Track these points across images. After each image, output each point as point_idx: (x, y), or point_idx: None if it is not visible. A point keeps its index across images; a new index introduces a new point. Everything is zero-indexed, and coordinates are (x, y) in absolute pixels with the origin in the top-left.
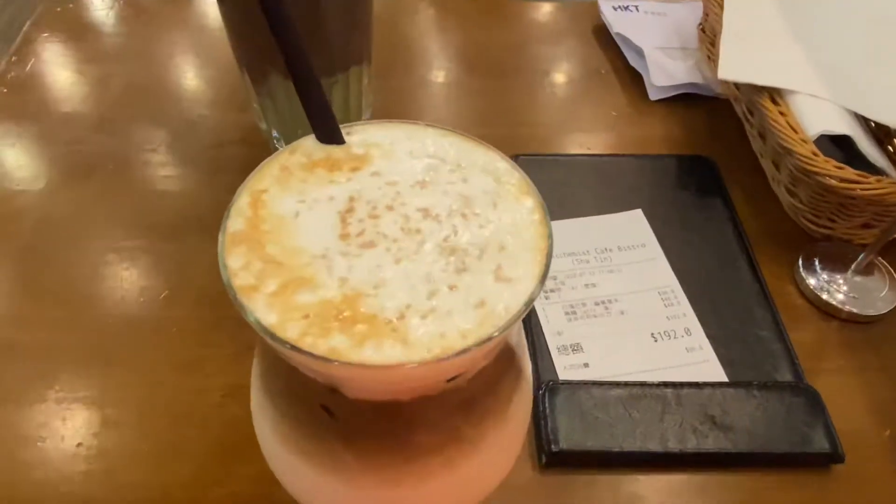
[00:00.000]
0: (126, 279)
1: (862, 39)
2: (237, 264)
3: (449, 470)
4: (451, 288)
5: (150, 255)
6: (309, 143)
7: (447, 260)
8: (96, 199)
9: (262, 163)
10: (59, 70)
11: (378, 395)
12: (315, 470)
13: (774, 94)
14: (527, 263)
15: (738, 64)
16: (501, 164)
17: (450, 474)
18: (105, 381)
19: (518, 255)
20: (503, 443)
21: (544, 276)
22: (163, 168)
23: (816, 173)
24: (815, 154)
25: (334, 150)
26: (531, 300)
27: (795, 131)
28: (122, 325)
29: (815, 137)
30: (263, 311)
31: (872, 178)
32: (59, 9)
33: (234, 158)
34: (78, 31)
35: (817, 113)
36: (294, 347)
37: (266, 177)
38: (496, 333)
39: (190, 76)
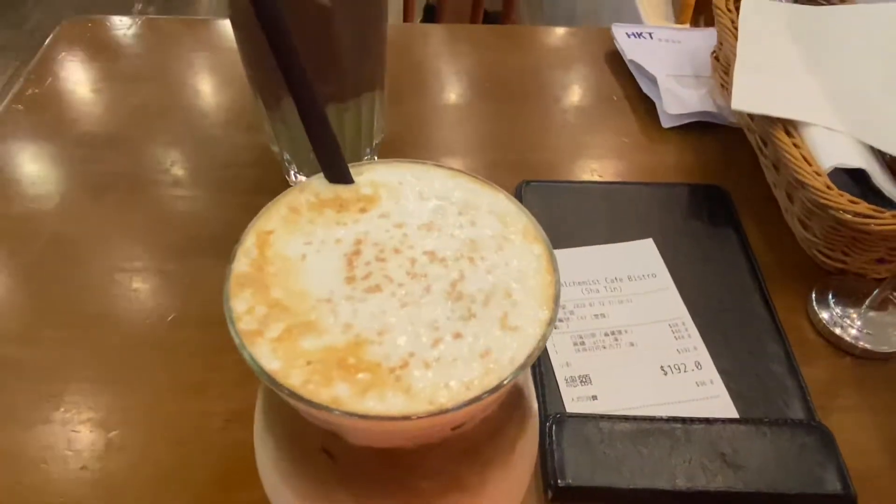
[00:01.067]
0: (134, 300)
1: (876, 72)
2: (242, 308)
3: None
4: (456, 336)
5: (159, 275)
6: (318, 182)
7: (453, 306)
8: (108, 218)
9: (271, 202)
10: (75, 89)
11: (380, 443)
12: None
13: (788, 126)
14: (534, 310)
15: (751, 95)
16: (509, 207)
17: None
18: (111, 402)
19: (525, 303)
20: (507, 489)
21: (551, 322)
22: (175, 188)
23: (830, 207)
24: (828, 188)
25: (343, 190)
26: (538, 350)
27: (809, 164)
28: (129, 345)
29: (830, 170)
30: (267, 357)
31: (888, 214)
32: (78, 27)
33: (246, 179)
34: (96, 50)
35: (832, 145)
36: (295, 395)
37: (273, 217)
38: (503, 383)
39: (205, 97)
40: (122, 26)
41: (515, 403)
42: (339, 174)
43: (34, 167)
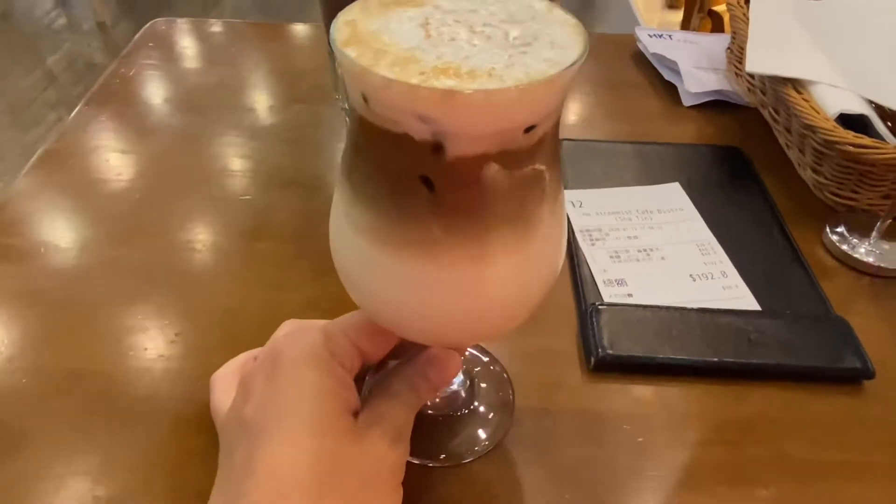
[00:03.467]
0: (219, 222)
1: (873, 43)
2: (354, 54)
3: (518, 246)
4: (523, 53)
5: (241, 203)
6: None
7: (513, 44)
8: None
9: (345, 8)
10: (103, 146)
11: (473, 148)
12: (401, 258)
13: (797, 85)
14: (572, 38)
15: (763, 60)
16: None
17: (518, 251)
18: (211, 293)
19: (564, 38)
20: (554, 233)
21: (586, 46)
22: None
23: (837, 142)
24: (835, 127)
25: None
26: (584, 54)
27: (817, 112)
28: (219, 252)
29: (835, 116)
30: (386, 72)
31: (890, 146)
32: (116, 81)
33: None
34: (126, 108)
35: (836, 98)
36: (419, 85)
37: (352, 10)
38: (574, 62)
39: (234, 160)
40: (201, 26)
41: (554, 161)
42: None
43: (55, 222)
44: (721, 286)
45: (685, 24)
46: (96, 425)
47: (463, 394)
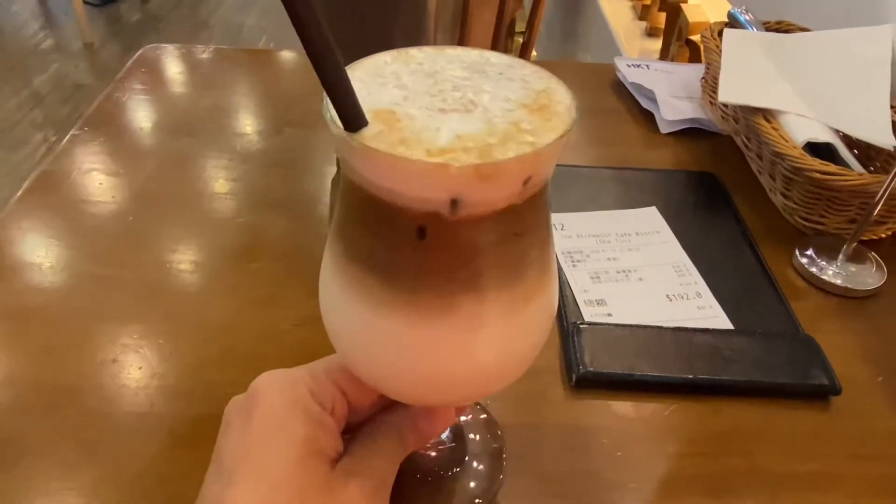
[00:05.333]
0: (213, 241)
1: (835, 78)
2: (370, 133)
3: (511, 310)
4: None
5: (235, 225)
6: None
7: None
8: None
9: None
10: (96, 169)
11: (468, 210)
12: (391, 320)
13: (767, 115)
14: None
15: (735, 90)
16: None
17: (511, 315)
18: (208, 311)
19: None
20: (547, 296)
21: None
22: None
23: (805, 169)
24: (802, 155)
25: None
26: (573, 119)
27: (786, 141)
28: (212, 270)
29: (803, 144)
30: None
31: (853, 173)
32: (110, 106)
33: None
34: (119, 132)
35: (803, 127)
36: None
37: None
38: (567, 129)
39: (226, 183)
40: (193, 52)
41: (544, 222)
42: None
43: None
44: (696, 306)
45: (664, 53)
46: (91, 442)
47: (452, 447)
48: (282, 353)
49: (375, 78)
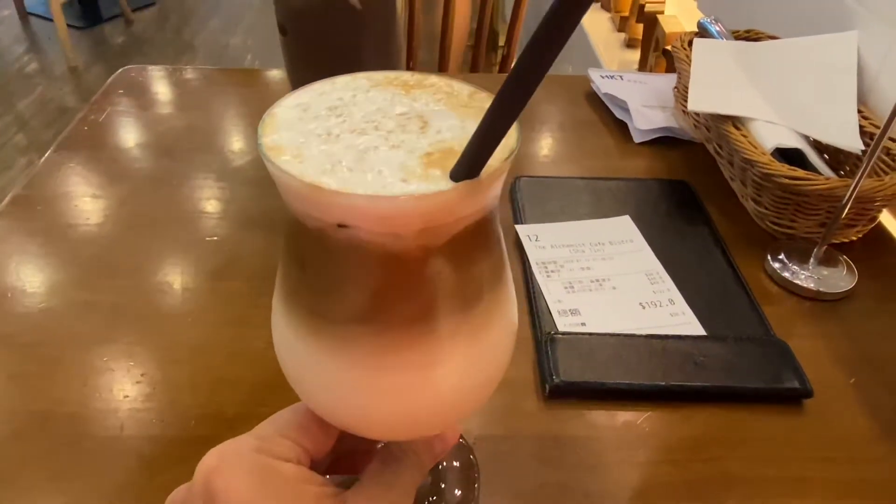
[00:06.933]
0: (190, 265)
1: (802, 84)
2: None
3: (467, 342)
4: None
5: (205, 246)
6: None
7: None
8: (164, 205)
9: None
10: (72, 191)
11: (401, 244)
12: (342, 360)
13: (736, 122)
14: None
15: (704, 99)
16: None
17: (467, 347)
18: (179, 332)
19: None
20: (504, 323)
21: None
22: (215, 187)
23: (773, 175)
24: (771, 161)
25: None
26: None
27: (755, 147)
28: (190, 292)
29: (772, 150)
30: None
31: (820, 177)
32: (85, 128)
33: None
34: (96, 153)
35: (772, 133)
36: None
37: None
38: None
39: (202, 202)
40: (169, 73)
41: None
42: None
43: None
44: (669, 313)
45: (642, 64)
46: (64, 466)
47: (428, 482)
48: (255, 375)
49: (311, 111)
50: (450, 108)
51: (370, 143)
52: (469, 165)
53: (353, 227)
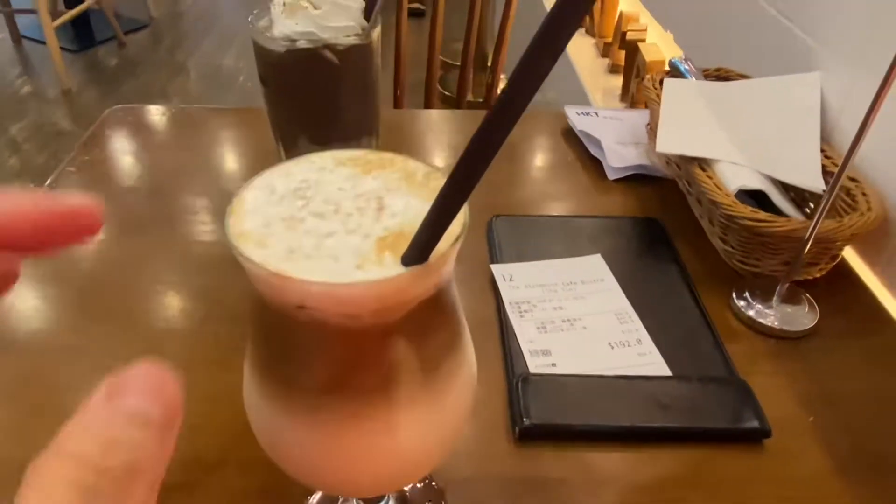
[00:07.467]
0: (173, 304)
1: (767, 125)
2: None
3: (425, 409)
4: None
5: (192, 287)
6: None
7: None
8: (149, 249)
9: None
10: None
11: (357, 323)
12: (303, 419)
13: (702, 163)
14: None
15: (672, 140)
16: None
17: (425, 413)
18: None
19: None
20: (461, 385)
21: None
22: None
23: (737, 217)
24: (735, 203)
25: None
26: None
27: (720, 188)
28: (172, 335)
29: (735, 192)
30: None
31: (781, 219)
32: (72, 169)
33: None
34: (102, 178)
35: (736, 174)
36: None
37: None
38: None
39: (189, 244)
40: (158, 112)
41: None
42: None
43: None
44: (636, 353)
45: (624, 89)
46: None
47: None
48: (234, 416)
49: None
50: (406, 189)
51: (329, 228)
52: (419, 250)
53: (312, 309)
